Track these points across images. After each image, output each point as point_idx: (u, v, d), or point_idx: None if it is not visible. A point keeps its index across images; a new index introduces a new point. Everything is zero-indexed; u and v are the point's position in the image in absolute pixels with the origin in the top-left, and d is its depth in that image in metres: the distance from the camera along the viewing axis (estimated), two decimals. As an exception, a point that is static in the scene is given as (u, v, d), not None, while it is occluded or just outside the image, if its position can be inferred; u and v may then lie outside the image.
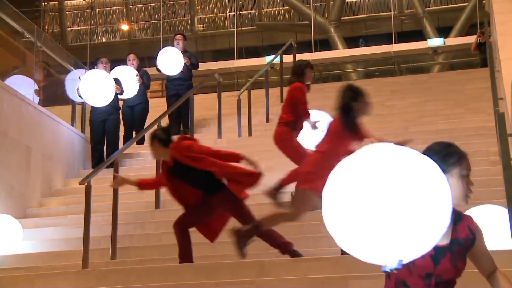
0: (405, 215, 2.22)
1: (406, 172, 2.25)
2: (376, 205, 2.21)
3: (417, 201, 2.23)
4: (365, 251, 2.28)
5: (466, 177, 2.81)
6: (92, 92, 9.03)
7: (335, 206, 2.27)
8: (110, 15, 21.85)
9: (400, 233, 2.22)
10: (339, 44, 19.22)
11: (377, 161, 2.27)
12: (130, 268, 5.49)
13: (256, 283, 4.69)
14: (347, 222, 2.25)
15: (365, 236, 2.23)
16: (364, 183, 2.24)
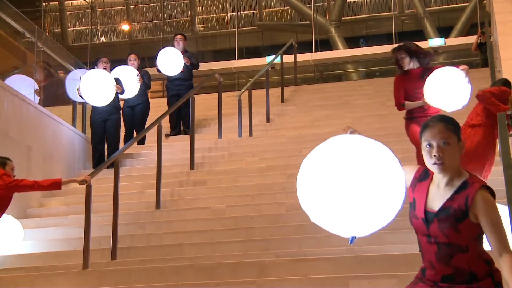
0: (360, 196, 2.68)
1: (363, 159, 2.72)
2: (338, 187, 2.70)
3: (371, 184, 2.69)
4: (329, 224, 2.79)
5: (426, 147, 2.92)
6: (92, 91, 9.03)
7: (308, 187, 2.80)
8: (110, 15, 21.86)
9: (355, 210, 2.69)
10: (340, 44, 19.22)
11: (340, 149, 2.78)
12: (130, 268, 5.49)
13: (257, 283, 4.69)
14: (317, 201, 2.76)
15: (330, 212, 2.74)
16: (330, 169, 2.75)
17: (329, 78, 19.22)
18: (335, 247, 6.09)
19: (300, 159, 9.51)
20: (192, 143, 8.97)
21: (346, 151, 2.77)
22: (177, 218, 7.07)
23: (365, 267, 4.78)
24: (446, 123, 2.94)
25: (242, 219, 7.15)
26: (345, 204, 2.70)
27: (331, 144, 2.86)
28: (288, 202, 7.47)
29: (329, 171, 2.75)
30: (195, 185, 8.43)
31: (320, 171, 2.79)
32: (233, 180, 8.40)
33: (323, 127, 9.86)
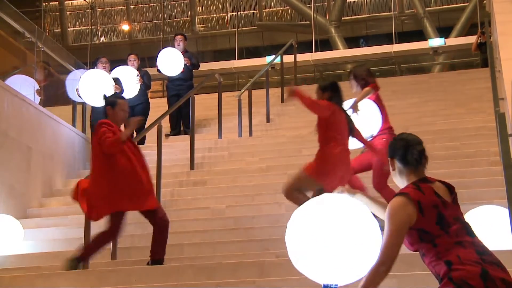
0: (342, 249, 3.05)
1: (345, 218, 3.09)
2: (323, 240, 3.06)
3: (352, 239, 3.05)
4: (314, 274, 3.22)
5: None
6: (91, 92, 9.02)
7: (297, 238, 3.15)
8: (110, 15, 21.86)
9: (338, 261, 3.06)
10: (340, 44, 19.22)
11: (327, 208, 3.13)
12: (130, 268, 5.49)
13: (257, 283, 4.69)
14: (305, 252, 3.14)
15: (316, 261, 3.14)
16: (317, 225, 3.09)
17: (329, 78, 19.21)
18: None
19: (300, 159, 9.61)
20: (192, 143, 8.97)
21: (333, 209, 3.13)
22: (177, 218, 7.06)
23: (365, 267, 4.77)
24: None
25: (242, 219, 7.15)
26: (324, 254, 3.08)
27: (322, 202, 3.20)
28: (288, 202, 7.45)
29: (316, 226, 3.10)
30: (195, 185, 8.43)
31: (308, 224, 3.13)
32: (233, 180, 8.41)
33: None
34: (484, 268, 2.97)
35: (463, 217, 3.23)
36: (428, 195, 3.12)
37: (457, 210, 3.20)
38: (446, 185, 3.26)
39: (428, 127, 9.28)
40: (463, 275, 2.94)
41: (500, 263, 3.05)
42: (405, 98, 11.36)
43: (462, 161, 7.97)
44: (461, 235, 3.11)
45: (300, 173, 5.90)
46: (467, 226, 3.19)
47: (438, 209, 3.11)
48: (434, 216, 3.09)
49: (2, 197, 7.74)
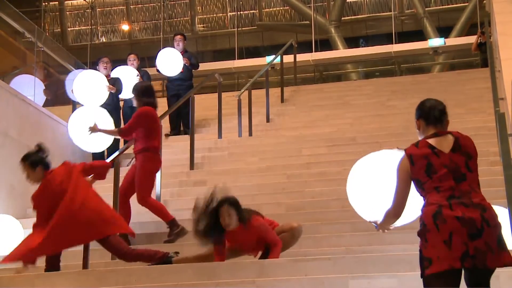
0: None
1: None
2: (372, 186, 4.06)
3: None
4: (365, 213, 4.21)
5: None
6: (85, 92, 9.01)
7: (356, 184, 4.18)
8: (110, 15, 21.85)
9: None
10: (340, 44, 19.22)
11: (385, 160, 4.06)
12: (130, 268, 5.48)
13: (256, 283, 4.69)
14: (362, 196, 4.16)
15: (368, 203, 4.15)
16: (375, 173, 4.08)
17: (328, 78, 19.21)
18: (334, 247, 6.08)
19: (299, 159, 9.61)
20: (192, 143, 8.97)
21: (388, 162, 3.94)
22: (176, 218, 7.05)
23: (365, 267, 4.78)
24: None
25: (242, 219, 7.14)
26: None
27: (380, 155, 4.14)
28: (288, 202, 7.47)
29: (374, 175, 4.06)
30: (195, 185, 8.43)
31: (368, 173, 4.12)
32: (233, 180, 8.40)
33: (323, 127, 9.87)
34: (440, 208, 3.47)
35: (465, 162, 3.62)
36: (421, 148, 3.63)
37: (452, 157, 3.61)
38: (456, 136, 3.75)
39: (428, 127, 9.27)
40: (422, 215, 3.57)
41: (471, 204, 3.48)
42: (405, 98, 11.35)
43: (462, 161, 7.95)
44: (444, 180, 3.55)
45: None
46: (456, 171, 3.58)
47: (428, 159, 3.59)
48: (423, 165, 3.59)
49: (2, 197, 7.74)
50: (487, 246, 3.40)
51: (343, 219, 6.82)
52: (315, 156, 8.70)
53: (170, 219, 6.54)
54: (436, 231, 3.43)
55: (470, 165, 3.63)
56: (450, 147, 3.66)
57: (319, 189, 7.70)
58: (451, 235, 3.40)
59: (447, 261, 3.37)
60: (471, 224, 3.41)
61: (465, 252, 3.38)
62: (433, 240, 3.43)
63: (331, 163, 8.35)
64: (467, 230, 3.40)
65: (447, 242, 3.40)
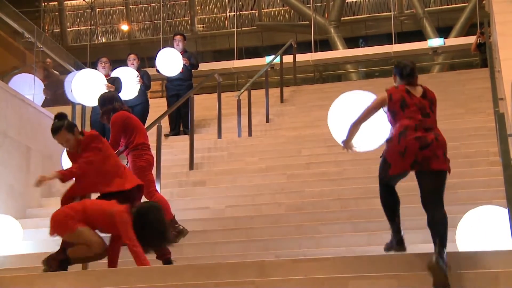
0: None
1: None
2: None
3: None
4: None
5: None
6: (83, 91, 9.01)
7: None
8: (110, 15, 21.84)
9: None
10: (339, 45, 19.21)
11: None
12: (130, 268, 5.48)
13: (256, 284, 4.69)
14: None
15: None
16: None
17: (328, 78, 19.21)
18: (334, 247, 6.09)
19: (299, 159, 9.63)
20: (191, 143, 8.97)
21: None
22: (176, 218, 7.05)
23: (365, 267, 4.78)
24: None
25: (242, 219, 7.16)
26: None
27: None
28: (288, 202, 7.48)
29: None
30: (195, 185, 8.43)
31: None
32: (233, 180, 8.41)
33: (323, 127, 9.83)
34: (406, 128, 4.74)
35: (429, 105, 4.93)
36: (399, 91, 4.95)
37: (422, 100, 4.93)
38: (424, 88, 5.08)
39: (428, 127, 9.27)
40: (393, 130, 4.85)
41: (430, 129, 4.79)
42: (405, 98, 11.34)
43: (462, 161, 7.97)
44: (414, 113, 4.83)
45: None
46: (423, 110, 4.88)
47: (403, 98, 4.89)
48: (398, 102, 4.88)
49: (1, 197, 7.74)
50: (433, 153, 4.68)
51: (343, 219, 6.83)
52: (314, 156, 8.70)
53: (169, 218, 6.54)
54: (397, 143, 4.73)
55: (433, 109, 4.95)
56: (420, 94, 4.99)
57: (319, 189, 7.70)
58: (406, 148, 4.68)
59: (400, 167, 4.74)
60: (423, 140, 4.69)
61: (414, 161, 4.67)
62: (393, 149, 4.76)
63: (331, 163, 8.35)
64: (419, 144, 4.68)
65: (402, 153, 4.69)
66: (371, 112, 4.97)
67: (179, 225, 6.51)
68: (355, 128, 5.05)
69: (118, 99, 6.72)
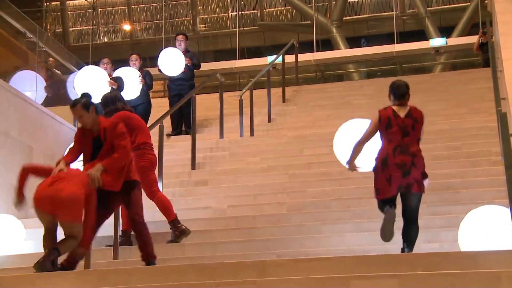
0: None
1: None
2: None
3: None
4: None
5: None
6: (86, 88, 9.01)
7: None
8: (112, 15, 21.86)
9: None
10: (341, 44, 19.21)
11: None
12: (132, 268, 5.49)
13: (258, 283, 4.69)
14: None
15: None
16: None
17: (330, 78, 19.21)
18: (336, 247, 6.09)
19: (301, 159, 9.62)
20: (193, 143, 8.98)
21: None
22: (179, 218, 7.06)
23: (366, 267, 4.78)
24: None
25: (243, 219, 7.16)
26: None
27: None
28: (290, 202, 7.48)
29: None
30: (197, 185, 8.43)
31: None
32: (234, 180, 8.41)
33: (325, 127, 9.86)
34: (387, 155, 5.47)
35: (411, 124, 5.55)
36: (387, 111, 5.63)
37: (405, 120, 5.56)
38: (411, 108, 5.65)
39: (430, 127, 9.25)
40: (376, 158, 5.56)
41: (408, 152, 5.47)
42: (407, 98, 11.33)
43: (464, 161, 7.96)
44: (395, 134, 5.52)
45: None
46: (404, 129, 5.53)
47: (389, 119, 5.58)
48: (385, 122, 5.58)
49: (3, 197, 7.74)
50: (414, 179, 5.45)
51: (345, 219, 6.83)
52: (316, 156, 8.70)
53: (172, 218, 6.54)
54: (382, 172, 5.49)
55: (416, 127, 5.56)
56: (405, 114, 5.59)
57: (321, 189, 7.70)
58: (391, 176, 5.45)
59: (388, 192, 5.47)
60: (404, 167, 5.43)
61: (399, 186, 5.45)
62: (380, 177, 5.52)
63: (333, 163, 8.35)
64: (401, 172, 5.43)
65: (388, 180, 5.46)
66: (370, 134, 5.67)
67: (181, 225, 6.51)
68: (358, 149, 5.71)
69: (121, 99, 6.73)
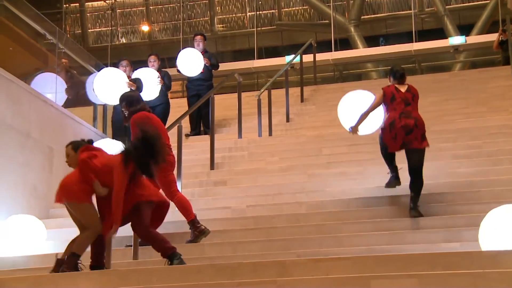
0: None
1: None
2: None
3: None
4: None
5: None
6: (105, 90, 9.07)
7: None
8: (130, 16, 21.98)
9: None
10: (359, 43, 19.16)
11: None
12: (152, 268, 5.52)
13: (277, 283, 4.69)
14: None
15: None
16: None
17: (348, 77, 19.17)
18: (355, 246, 6.07)
19: (320, 159, 9.60)
20: (212, 143, 8.99)
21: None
22: (197, 218, 7.08)
23: (386, 267, 4.76)
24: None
25: (263, 219, 7.16)
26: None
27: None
28: (309, 202, 7.47)
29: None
30: (216, 185, 8.45)
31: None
32: (253, 180, 8.41)
33: (343, 126, 9.84)
34: (394, 120, 6.69)
35: (411, 97, 6.88)
36: (390, 88, 6.91)
37: (406, 94, 6.87)
38: (409, 86, 6.97)
39: (449, 125, 9.22)
40: (385, 121, 6.82)
41: (411, 116, 6.74)
42: (426, 96, 11.25)
43: (484, 159, 7.91)
44: (399, 105, 6.79)
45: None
46: (406, 100, 6.83)
47: (393, 93, 6.84)
48: (390, 96, 6.84)
49: (25, 198, 7.82)
50: (414, 137, 6.64)
51: (364, 218, 6.81)
52: (335, 156, 8.68)
53: (191, 218, 6.56)
54: (389, 132, 6.72)
55: (414, 99, 6.90)
56: (405, 89, 6.91)
57: (340, 188, 7.68)
58: (396, 135, 6.67)
59: (394, 147, 6.74)
60: (407, 127, 6.65)
61: (402, 143, 6.66)
62: (387, 136, 6.76)
63: (351, 163, 8.34)
64: (404, 132, 6.65)
65: (394, 138, 6.68)
66: (375, 106, 6.89)
67: (200, 225, 6.53)
68: (363, 117, 6.95)
69: (140, 99, 6.78)
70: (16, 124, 7.85)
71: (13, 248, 7.00)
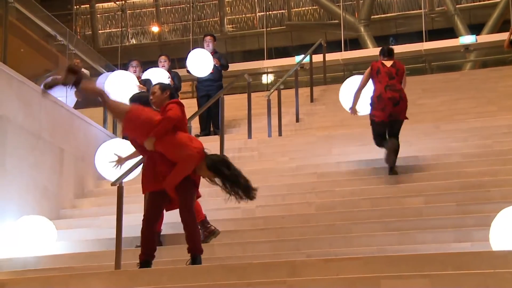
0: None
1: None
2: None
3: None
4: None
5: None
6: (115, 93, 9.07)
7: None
8: (140, 17, 22.04)
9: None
10: (369, 43, 19.12)
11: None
12: (162, 268, 5.53)
13: (288, 283, 4.69)
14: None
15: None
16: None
17: (359, 77, 19.12)
18: (366, 246, 6.06)
19: (330, 159, 9.58)
20: (221, 144, 9.00)
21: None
22: (209, 218, 7.09)
23: (397, 267, 4.75)
24: None
25: (273, 219, 7.16)
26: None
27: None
28: (319, 202, 7.46)
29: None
30: (225, 186, 8.43)
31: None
32: (263, 180, 8.40)
33: (353, 127, 9.82)
34: (380, 92, 7.60)
35: (395, 71, 7.71)
36: (377, 63, 7.72)
37: (391, 69, 7.70)
38: (395, 61, 7.80)
39: (460, 125, 9.19)
40: (372, 95, 7.66)
41: (396, 89, 7.62)
42: (436, 96, 11.26)
43: (495, 159, 7.87)
44: (383, 77, 7.61)
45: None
46: (390, 74, 7.66)
47: (378, 67, 7.67)
48: (376, 70, 7.67)
49: (36, 199, 7.85)
50: (401, 109, 7.57)
51: (374, 218, 6.80)
52: (345, 156, 8.67)
53: (201, 218, 6.56)
54: (377, 103, 7.55)
55: (398, 74, 7.70)
56: (390, 64, 7.70)
57: (350, 188, 7.67)
58: (385, 106, 7.51)
59: (382, 117, 7.54)
60: (394, 100, 7.52)
61: (390, 114, 7.52)
62: (376, 107, 7.56)
63: (361, 162, 8.32)
64: (392, 103, 7.51)
65: (383, 108, 7.51)
66: (364, 82, 7.74)
67: (210, 225, 6.54)
68: (357, 95, 7.82)
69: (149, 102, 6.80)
70: (27, 125, 7.89)
71: (24, 249, 7.04)
